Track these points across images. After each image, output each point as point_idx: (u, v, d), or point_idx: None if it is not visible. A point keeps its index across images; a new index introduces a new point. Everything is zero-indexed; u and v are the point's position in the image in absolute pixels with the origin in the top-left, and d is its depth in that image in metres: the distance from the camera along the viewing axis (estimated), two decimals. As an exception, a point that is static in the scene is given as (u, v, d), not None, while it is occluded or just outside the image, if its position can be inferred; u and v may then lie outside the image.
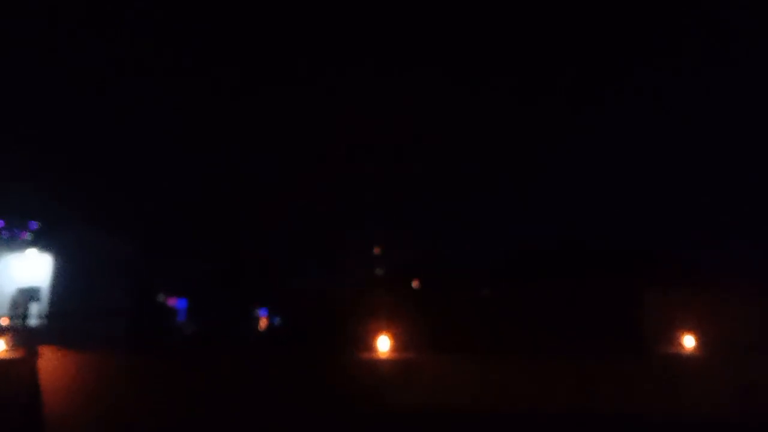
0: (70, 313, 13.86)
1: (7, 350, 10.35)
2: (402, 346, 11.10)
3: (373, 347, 10.86)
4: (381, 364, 10.36)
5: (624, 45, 19.50)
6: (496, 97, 19.94)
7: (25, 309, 14.50)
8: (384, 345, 10.86)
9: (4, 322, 13.54)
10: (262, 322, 16.26)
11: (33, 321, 14.39)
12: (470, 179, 19.15)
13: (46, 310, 14.59)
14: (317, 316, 13.43)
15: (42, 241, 15.38)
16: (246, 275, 17.46)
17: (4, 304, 14.54)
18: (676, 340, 12.43)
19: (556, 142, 19.47)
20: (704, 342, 12.02)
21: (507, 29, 20.20)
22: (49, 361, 10.15)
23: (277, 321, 15.87)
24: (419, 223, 19.09)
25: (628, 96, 19.56)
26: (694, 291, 13.04)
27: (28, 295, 14.79)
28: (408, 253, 18.12)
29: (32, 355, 10.10)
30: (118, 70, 19.50)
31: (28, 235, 15.76)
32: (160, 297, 16.28)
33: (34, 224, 15.87)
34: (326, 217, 18.60)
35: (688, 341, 12.20)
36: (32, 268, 15.12)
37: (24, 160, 16.65)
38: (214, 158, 18.90)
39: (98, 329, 12.67)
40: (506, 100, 19.81)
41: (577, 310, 13.19)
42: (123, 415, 9.61)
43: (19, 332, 12.17)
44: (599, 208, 17.89)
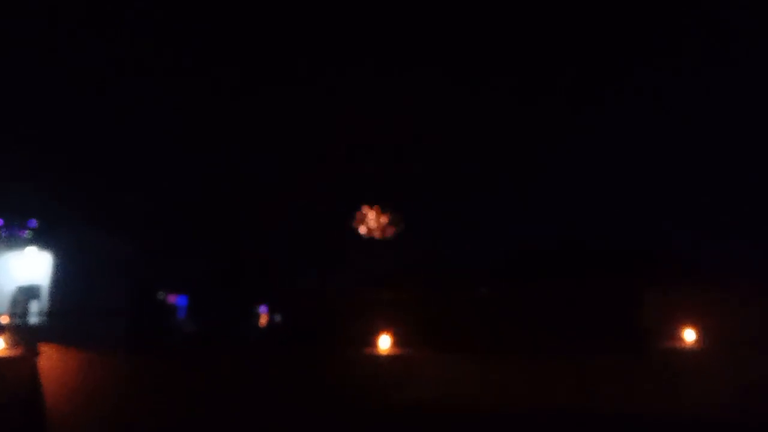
0: (70, 311, 13.85)
1: (6, 348, 10.33)
2: (402, 345, 11.10)
3: (374, 345, 10.88)
4: (382, 362, 10.38)
5: (624, 45, 19.52)
6: (496, 97, 19.95)
7: (25, 307, 14.49)
8: (385, 343, 10.88)
9: (4, 320, 13.51)
10: (263, 320, 16.25)
11: (33, 319, 14.37)
12: (470, 179, 19.15)
13: (46, 308, 14.58)
14: (318, 314, 13.43)
15: (41, 239, 15.34)
16: (246, 273, 17.43)
17: (4, 303, 14.51)
18: (676, 339, 12.45)
19: (556, 142, 19.47)
20: (704, 341, 12.03)
21: (507, 29, 20.21)
22: (49, 360, 10.14)
23: (278, 318, 15.87)
24: (419, 223, 19.11)
25: (628, 96, 19.57)
26: (694, 290, 13.06)
27: (28, 293, 14.77)
28: (408, 253, 18.13)
29: (32, 353, 10.08)
30: (118, 70, 19.49)
31: (27, 233, 15.70)
32: (160, 294, 16.25)
33: (34, 222, 15.82)
34: (326, 215, 18.61)
35: (688, 341, 12.22)
36: (32, 266, 15.10)
37: (23, 159, 16.62)
38: (214, 157, 18.88)
39: (98, 327, 12.66)
40: (506, 100, 19.82)
41: (577, 309, 13.20)
42: (123, 414, 9.60)
43: (18, 330, 12.14)
44: (599, 208, 17.90)
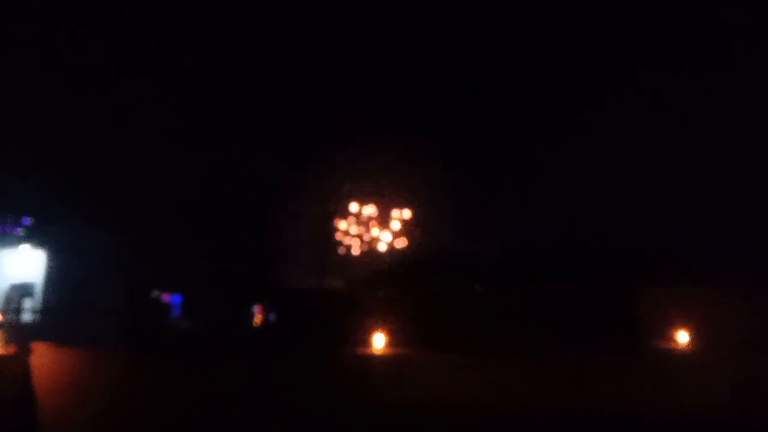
0: (64, 308, 13.77)
1: (-1, 346, 10.25)
2: (398, 344, 11.01)
3: (369, 344, 10.79)
4: (375, 362, 10.30)
5: (624, 45, 19.48)
6: (496, 97, 19.90)
7: (19, 305, 14.42)
8: (379, 342, 10.79)
9: (-3, 318, 13.43)
10: (257, 319, 16.14)
11: (26, 317, 14.30)
12: (470, 179, 19.07)
13: (40, 306, 14.51)
14: (313, 313, 13.33)
15: (35, 237, 15.30)
16: (241, 271, 17.35)
17: (-2, 301, 14.45)
18: (676, 338, 12.37)
19: (556, 142, 19.41)
20: (703, 340, 11.94)
21: (507, 29, 20.19)
22: (42, 357, 10.05)
23: (272, 317, 15.75)
24: (418, 222, 19.03)
25: (628, 96, 19.51)
26: (693, 290, 12.99)
27: (22, 291, 14.71)
28: (407, 252, 18.05)
29: (24, 351, 9.99)
30: (118, 70, 19.47)
31: (21, 231, 15.66)
32: (154, 292, 16.16)
33: (27, 220, 15.79)
34: (324, 214, 18.55)
35: (689, 340, 12.14)
36: (25, 263, 15.04)
37: (18, 157, 16.56)
38: (210, 157, 18.83)
39: (92, 325, 12.57)
40: (506, 100, 19.77)
41: (577, 309, 13.10)
42: (115, 411, 9.47)
43: (12, 328, 12.06)
44: (599, 208, 17.81)
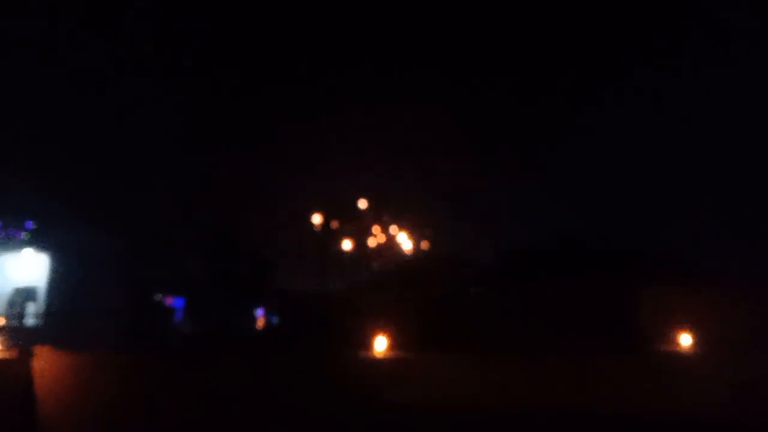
0: (67, 312, 13.78)
1: (1, 350, 10.29)
2: (399, 346, 11.02)
3: (371, 346, 10.79)
4: (378, 363, 10.30)
5: (624, 45, 19.50)
6: (496, 97, 19.94)
7: (22, 308, 14.45)
8: (381, 344, 10.79)
9: (1, 321, 13.48)
10: (260, 322, 16.18)
11: (30, 320, 14.33)
12: (469, 179, 19.11)
13: (43, 310, 14.51)
14: (314, 316, 13.36)
15: (38, 241, 15.31)
16: (243, 275, 17.39)
17: (1, 304, 14.47)
18: (676, 338, 12.36)
19: (556, 142, 19.46)
20: (704, 341, 11.94)
21: (507, 29, 20.21)
22: (44, 361, 10.07)
23: (275, 320, 15.78)
24: (417, 222, 19.08)
25: (628, 96, 19.56)
26: (693, 290, 12.97)
27: (25, 294, 14.72)
28: (406, 252, 18.09)
29: (27, 354, 10.02)
30: (118, 70, 19.52)
31: (24, 235, 15.71)
32: (157, 296, 16.20)
33: (31, 224, 15.83)
34: (323, 214, 18.57)
35: (688, 340, 12.13)
36: (29, 267, 15.03)
37: (21, 160, 16.63)
38: (211, 158, 18.90)
39: (95, 328, 12.59)
40: (506, 100, 19.81)
41: (577, 309, 13.11)
42: (118, 414, 9.52)
43: (15, 332, 12.11)
44: (599, 208, 17.85)
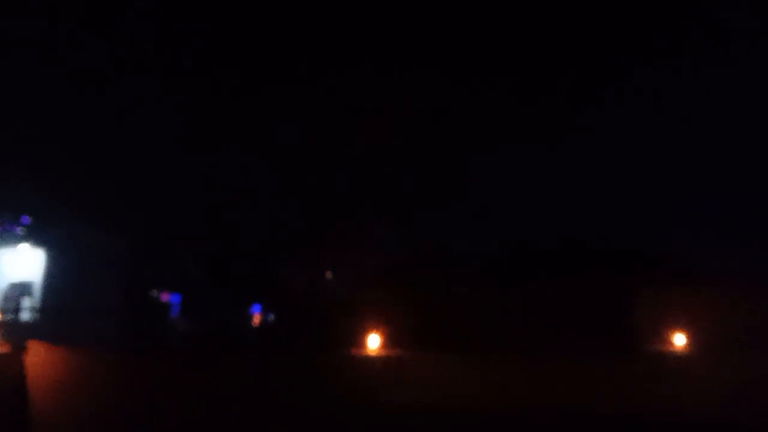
0: (63, 308, 13.75)
1: (-6, 345, 10.23)
2: (396, 344, 10.98)
3: (366, 345, 10.76)
4: (370, 363, 10.27)
5: (624, 45, 19.45)
6: (496, 97, 19.88)
7: (17, 304, 14.39)
8: (375, 343, 10.76)
9: (-4, 317, 13.41)
10: (256, 319, 16.14)
11: (25, 316, 14.28)
12: (469, 178, 19.05)
13: (39, 305, 14.48)
14: (312, 314, 13.32)
15: (34, 236, 15.29)
16: (240, 272, 17.34)
17: (-3, 300, 14.42)
18: (676, 339, 12.33)
19: (556, 142, 19.38)
20: (703, 341, 11.91)
21: (507, 29, 20.17)
22: (37, 357, 10.03)
23: (271, 318, 15.75)
24: (417, 222, 18.98)
25: (628, 96, 19.49)
26: (693, 290, 12.96)
27: (20, 290, 14.68)
28: (404, 252, 17.98)
29: (19, 350, 9.97)
30: (117, 69, 19.48)
31: (20, 230, 15.65)
32: (154, 292, 16.16)
33: (27, 219, 15.78)
34: (321, 214, 18.50)
35: (688, 340, 12.11)
36: (24, 262, 15.02)
37: (17, 155, 16.56)
38: (208, 157, 18.83)
39: (91, 324, 12.56)
40: (506, 100, 19.74)
41: (576, 309, 13.07)
42: (113, 412, 9.46)
43: (9, 327, 12.05)
44: (599, 208, 17.77)
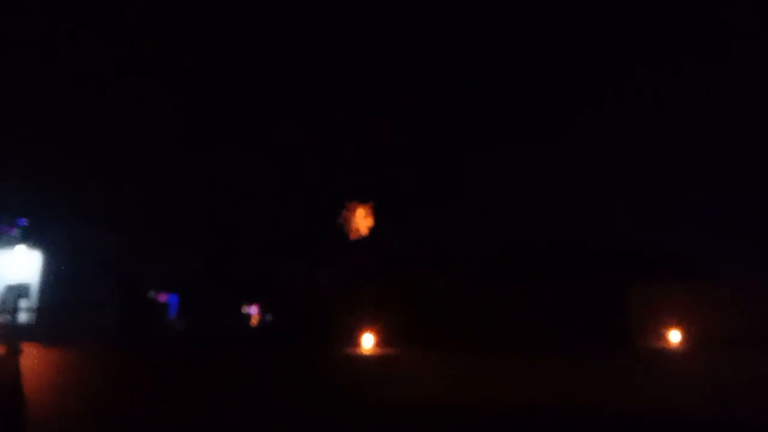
0: (60, 309, 13.73)
1: (-12, 346, 10.17)
2: (387, 343, 10.94)
3: (357, 344, 10.73)
4: (364, 361, 10.22)
5: (624, 45, 19.42)
6: (496, 97, 19.84)
7: (14, 306, 14.36)
8: (368, 342, 10.73)
9: (-7, 319, 13.35)
10: (254, 320, 16.11)
11: (22, 318, 14.24)
12: (469, 178, 19.00)
13: (36, 307, 14.46)
14: (308, 314, 13.27)
15: (31, 238, 15.28)
16: (237, 272, 17.30)
17: (-7, 301, 14.39)
18: (675, 337, 12.27)
19: (556, 142, 19.33)
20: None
21: (507, 29, 20.14)
22: (33, 358, 9.97)
23: (269, 318, 15.71)
24: (416, 222, 18.93)
25: (628, 96, 19.46)
26: (693, 290, 12.89)
27: (17, 291, 14.65)
28: (402, 252, 17.92)
29: (15, 351, 9.90)
30: (118, 70, 19.50)
31: (17, 232, 15.62)
32: (151, 293, 16.13)
33: (23, 221, 15.76)
34: (319, 214, 18.48)
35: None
36: (21, 264, 15.01)
37: (14, 157, 16.58)
38: (205, 156, 18.83)
39: (88, 325, 12.53)
40: (506, 100, 19.70)
41: (575, 308, 13.00)
42: (109, 412, 9.38)
43: (5, 329, 11.98)
44: (598, 208, 17.72)
